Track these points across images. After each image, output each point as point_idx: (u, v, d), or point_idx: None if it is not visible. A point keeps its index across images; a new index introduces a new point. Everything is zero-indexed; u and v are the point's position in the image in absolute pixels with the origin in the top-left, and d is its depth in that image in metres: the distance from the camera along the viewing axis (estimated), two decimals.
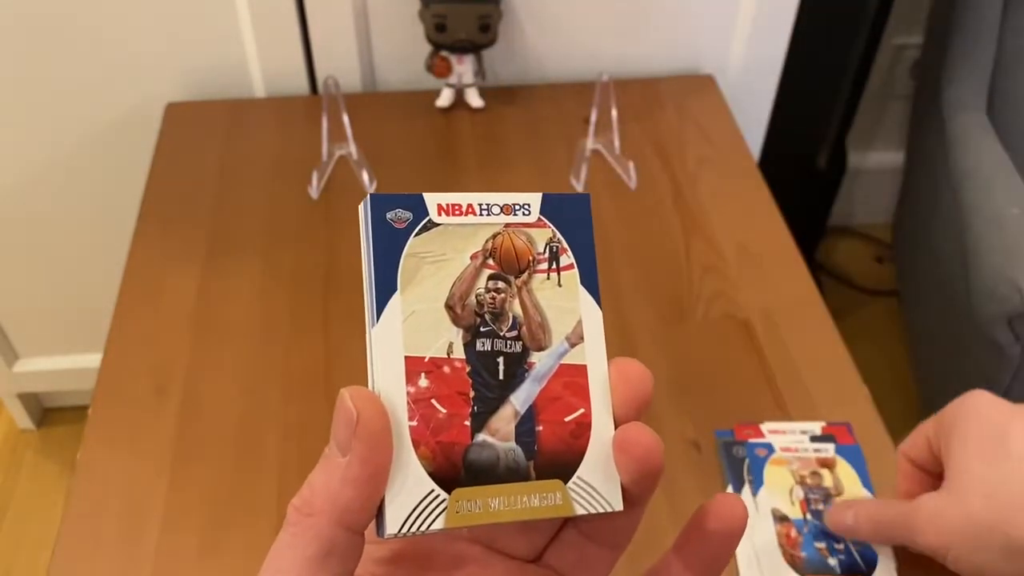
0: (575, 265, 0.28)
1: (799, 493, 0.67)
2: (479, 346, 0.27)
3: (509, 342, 0.27)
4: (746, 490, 0.68)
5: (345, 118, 0.97)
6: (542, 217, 0.29)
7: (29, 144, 1.15)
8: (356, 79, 1.09)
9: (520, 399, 0.27)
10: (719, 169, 0.99)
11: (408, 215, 0.28)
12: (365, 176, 0.96)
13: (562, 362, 0.28)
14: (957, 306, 1.24)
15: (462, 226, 0.28)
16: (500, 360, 0.27)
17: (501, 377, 0.27)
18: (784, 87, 1.19)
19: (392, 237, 0.27)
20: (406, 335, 0.27)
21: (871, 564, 0.63)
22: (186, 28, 1.05)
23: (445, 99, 1.06)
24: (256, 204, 0.95)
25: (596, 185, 0.96)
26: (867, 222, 1.90)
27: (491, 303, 0.28)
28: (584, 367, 0.28)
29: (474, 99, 1.06)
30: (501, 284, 0.28)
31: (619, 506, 0.27)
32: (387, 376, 0.26)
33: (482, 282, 0.28)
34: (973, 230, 1.20)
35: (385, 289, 0.27)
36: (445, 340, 0.27)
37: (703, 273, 0.87)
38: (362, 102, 1.05)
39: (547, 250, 0.28)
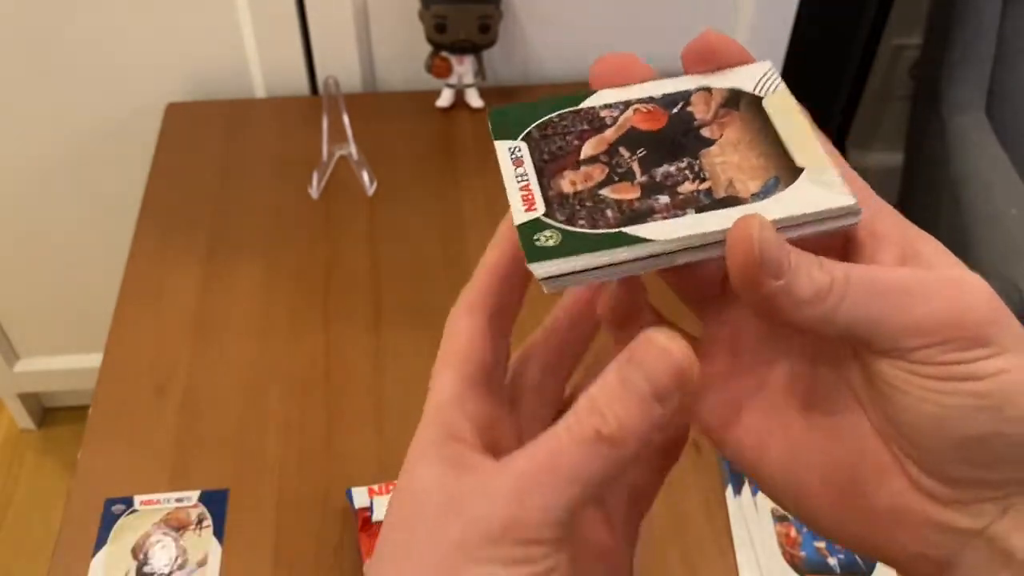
0: None
1: None
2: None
3: None
4: (746, 490, 0.68)
5: (345, 118, 0.97)
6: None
7: (30, 144, 1.15)
8: (356, 79, 1.09)
9: None
10: None
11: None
12: (365, 176, 0.96)
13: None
14: None
15: None
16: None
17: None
18: None
19: None
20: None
21: (871, 564, 0.63)
22: (186, 28, 1.05)
23: (445, 99, 1.06)
24: (256, 204, 0.95)
25: None
26: None
27: None
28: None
29: (474, 99, 1.06)
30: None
31: None
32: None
33: None
34: (973, 230, 1.20)
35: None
36: None
37: None
38: (362, 102, 1.05)
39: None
